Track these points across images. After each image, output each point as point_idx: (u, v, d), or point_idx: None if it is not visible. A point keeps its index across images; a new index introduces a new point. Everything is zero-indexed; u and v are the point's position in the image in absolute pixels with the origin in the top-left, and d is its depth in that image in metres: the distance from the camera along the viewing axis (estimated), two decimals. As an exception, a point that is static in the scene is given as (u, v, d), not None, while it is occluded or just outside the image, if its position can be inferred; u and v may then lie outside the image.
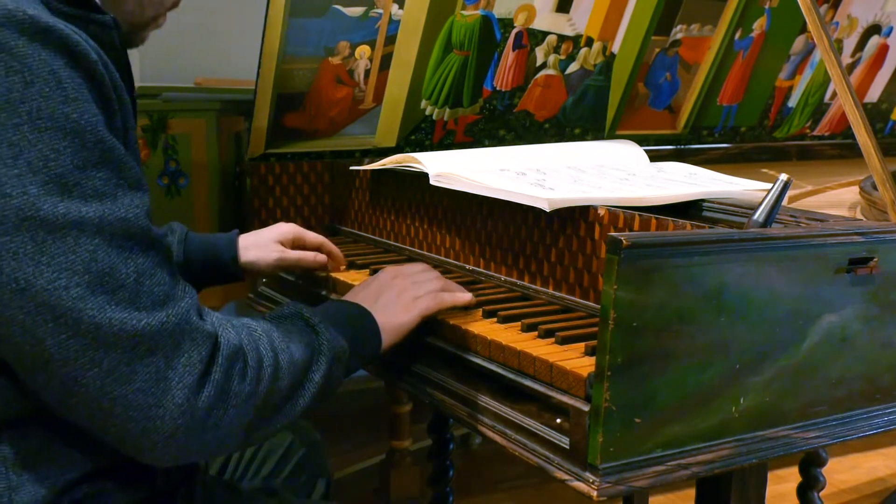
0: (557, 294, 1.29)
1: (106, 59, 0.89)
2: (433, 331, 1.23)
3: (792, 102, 2.43)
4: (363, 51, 1.78)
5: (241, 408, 0.92)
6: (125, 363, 0.85)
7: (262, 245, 1.42)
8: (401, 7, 1.76)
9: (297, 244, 1.46)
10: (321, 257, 1.45)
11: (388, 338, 1.16)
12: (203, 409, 0.89)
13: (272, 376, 0.96)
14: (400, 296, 1.20)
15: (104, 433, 0.89)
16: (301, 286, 1.61)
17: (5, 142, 0.81)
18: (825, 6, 2.30)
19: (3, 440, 0.91)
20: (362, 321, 1.15)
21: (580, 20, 1.97)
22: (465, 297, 1.24)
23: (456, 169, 1.42)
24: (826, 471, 1.81)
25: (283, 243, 1.44)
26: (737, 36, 2.20)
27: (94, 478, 0.95)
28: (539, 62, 1.98)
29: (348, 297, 1.22)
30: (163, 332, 0.86)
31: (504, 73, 1.96)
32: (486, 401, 1.11)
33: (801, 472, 1.82)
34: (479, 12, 1.85)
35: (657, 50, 2.12)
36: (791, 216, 1.20)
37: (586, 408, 0.94)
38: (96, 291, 0.83)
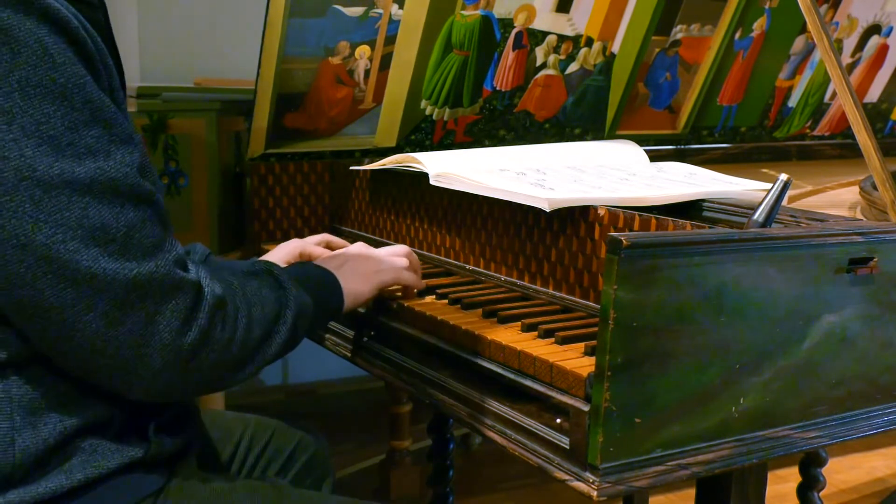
0: (557, 294, 1.29)
1: (86, 24, 0.94)
2: (433, 331, 1.23)
3: (792, 102, 2.43)
4: (363, 51, 1.78)
5: (221, 353, 1.00)
6: (118, 308, 0.92)
7: None
8: (401, 7, 1.76)
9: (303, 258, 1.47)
10: None
11: (347, 302, 1.23)
12: (187, 351, 0.96)
13: (246, 327, 1.04)
14: (363, 265, 1.28)
15: (96, 373, 0.96)
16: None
17: (0, 110, 0.87)
18: (825, 6, 2.30)
19: (11, 383, 0.96)
20: (325, 281, 1.22)
21: (580, 20, 1.97)
22: (419, 283, 1.34)
23: (456, 169, 1.42)
24: (826, 471, 1.81)
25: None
26: (737, 36, 2.20)
27: (89, 433, 1.00)
28: (539, 62, 1.98)
29: (318, 262, 1.29)
30: (152, 280, 0.94)
31: (504, 73, 1.96)
32: (485, 401, 1.11)
33: (801, 472, 1.82)
34: (479, 12, 1.85)
35: (657, 50, 2.12)
36: (791, 216, 1.20)
37: (586, 408, 0.94)
38: (90, 245, 0.90)
